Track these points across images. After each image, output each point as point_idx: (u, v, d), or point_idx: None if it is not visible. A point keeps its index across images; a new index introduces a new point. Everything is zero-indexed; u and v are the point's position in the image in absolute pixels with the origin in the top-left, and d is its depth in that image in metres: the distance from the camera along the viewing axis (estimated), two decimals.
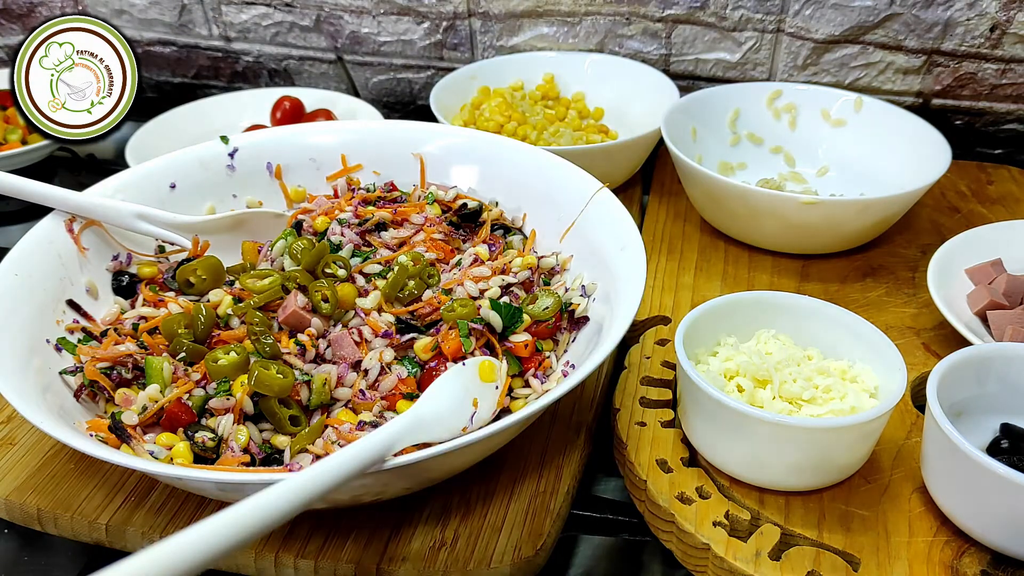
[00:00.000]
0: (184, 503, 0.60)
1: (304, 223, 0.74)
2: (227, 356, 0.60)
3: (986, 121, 1.04)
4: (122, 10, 1.22)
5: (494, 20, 1.11)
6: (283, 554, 0.57)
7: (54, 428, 0.51)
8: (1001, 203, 0.93)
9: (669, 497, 0.58)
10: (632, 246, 0.65)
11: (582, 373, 0.53)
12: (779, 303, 0.65)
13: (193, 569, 0.37)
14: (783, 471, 0.57)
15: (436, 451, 0.49)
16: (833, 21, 1.00)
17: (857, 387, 0.60)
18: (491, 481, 0.61)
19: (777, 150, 0.98)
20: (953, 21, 0.96)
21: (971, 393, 0.59)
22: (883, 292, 0.80)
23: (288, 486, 0.42)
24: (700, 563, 0.56)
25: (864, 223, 0.81)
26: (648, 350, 0.72)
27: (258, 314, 0.63)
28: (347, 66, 1.20)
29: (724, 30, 1.04)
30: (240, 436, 0.57)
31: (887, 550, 0.55)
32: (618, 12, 1.06)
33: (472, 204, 0.75)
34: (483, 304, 0.64)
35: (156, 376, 0.60)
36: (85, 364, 0.61)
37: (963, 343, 0.67)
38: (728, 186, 0.80)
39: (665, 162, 1.02)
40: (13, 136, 1.08)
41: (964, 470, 0.52)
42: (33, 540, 0.63)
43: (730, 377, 0.61)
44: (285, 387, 0.57)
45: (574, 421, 0.67)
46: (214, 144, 0.78)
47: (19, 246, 0.66)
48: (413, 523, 0.58)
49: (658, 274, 0.82)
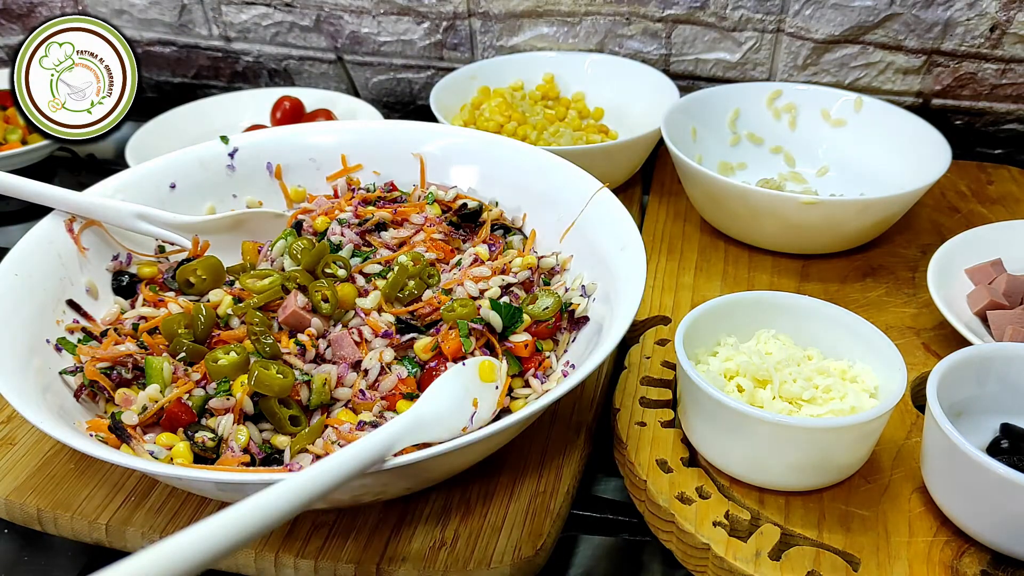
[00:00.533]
0: (184, 503, 0.60)
1: (304, 223, 0.74)
2: (227, 356, 0.60)
3: (986, 121, 1.04)
4: (122, 10, 1.22)
5: (494, 20, 1.11)
6: (283, 554, 0.57)
7: (54, 428, 0.51)
8: (1001, 203, 0.93)
9: (669, 497, 0.58)
10: (632, 246, 0.65)
11: (582, 373, 0.53)
12: (779, 303, 0.65)
13: (193, 569, 0.37)
14: (783, 471, 0.57)
15: (436, 451, 0.49)
16: (833, 21, 1.00)
17: (857, 387, 0.60)
18: (491, 481, 0.61)
19: (777, 150, 0.98)
20: (953, 21, 0.96)
21: (971, 393, 0.59)
22: (883, 292, 0.80)
23: (288, 486, 0.42)
24: (700, 563, 0.56)
25: (864, 223, 0.81)
26: (648, 350, 0.72)
27: (258, 314, 0.63)
28: (347, 66, 1.20)
29: (724, 30, 1.04)
30: (240, 436, 0.57)
31: (887, 550, 0.55)
32: (618, 12, 1.06)
33: (472, 204, 0.75)
34: (483, 304, 0.64)
35: (156, 376, 0.60)
36: (85, 364, 0.61)
37: (963, 343, 0.67)
38: (728, 186, 0.80)
39: (665, 162, 1.02)
40: (13, 136, 1.08)
41: (964, 470, 0.52)
42: (33, 540, 0.63)
43: (730, 377, 0.61)
44: (285, 387, 0.57)
45: (574, 421, 0.67)
46: (214, 144, 0.78)
47: (19, 246, 0.66)
48: (413, 523, 0.58)
49: (658, 274, 0.82)
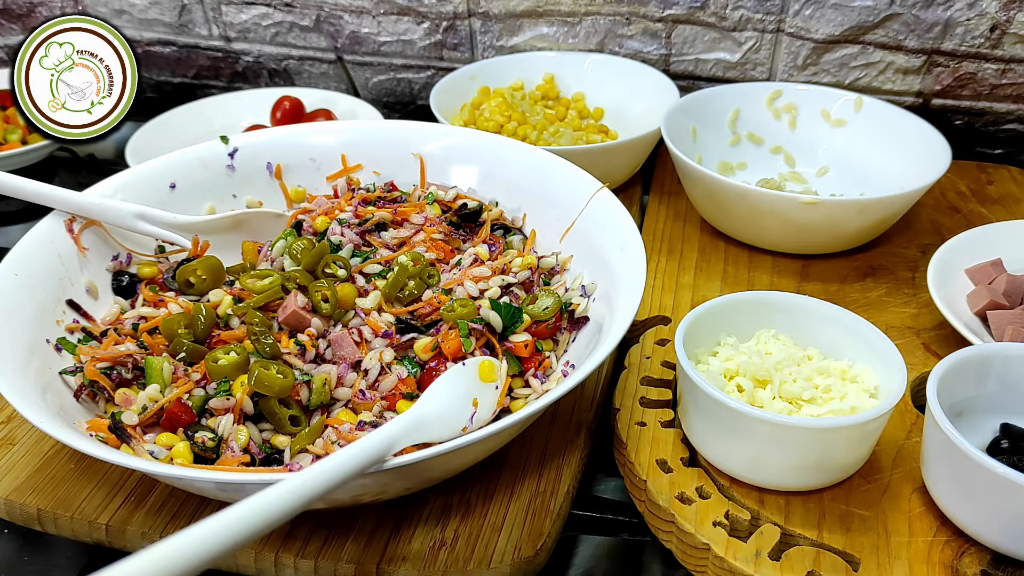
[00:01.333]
0: (184, 503, 0.60)
1: (304, 223, 0.74)
2: (227, 356, 0.59)
3: (986, 121, 1.04)
4: (122, 10, 1.22)
5: (494, 20, 1.11)
6: (283, 554, 0.57)
7: (54, 428, 0.51)
8: (1001, 203, 0.93)
9: (669, 497, 0.58)
10: (632, 246, 0.64)
11: (582, 373, 0.53)
12: (779, 303, 0.65)
13: (193, 569, 0.37)
14: (783, 471, 0.57)
15: (436, 451, 0.49)
16: (833, 21, 1.00)
17: (857, 387, 0.60)
18: (491, 481, 0.61)
19: (777, 150, 0.98)
20: (953, 21, 0.96)
21: (971, 393, 0.59)
22: (883, 292, 0.80)
23: (288, 486, 0.42)
24: (700, 563, 0.56)
25: (864, 223, 0.81)
26: (648, 350, 0.72)
27: (258, 314, 0.63)
28: (347, 66, 1.20)
29: (724, 30, 1.04)
30: (240, 436, 0.57)
31: (887, 550, 0.55)
32: (618, 12, 1.06)
33: (472, 204, 0.75)
34: (483, 304, 0.64)
35: (156, 376, 0.60)
36: (85, 364, 0.61)
37: (963, 343, 0.67)
38: (728, 186, 0.80)
39: (665, 162, 1.02)
40: (13, 136, 1.08)
41: (964, 470, 0.52)
42: (33, 540, 0.63)
43: (730, 377, 0.61)
44: (285, 387, 0.57)
45: (574, 421, 0.67)
46: (214, 144, 0.78)
47: (19, 246, 0.66)
48: (413, 523, 0.58)
49: (658, 274, 0.82)
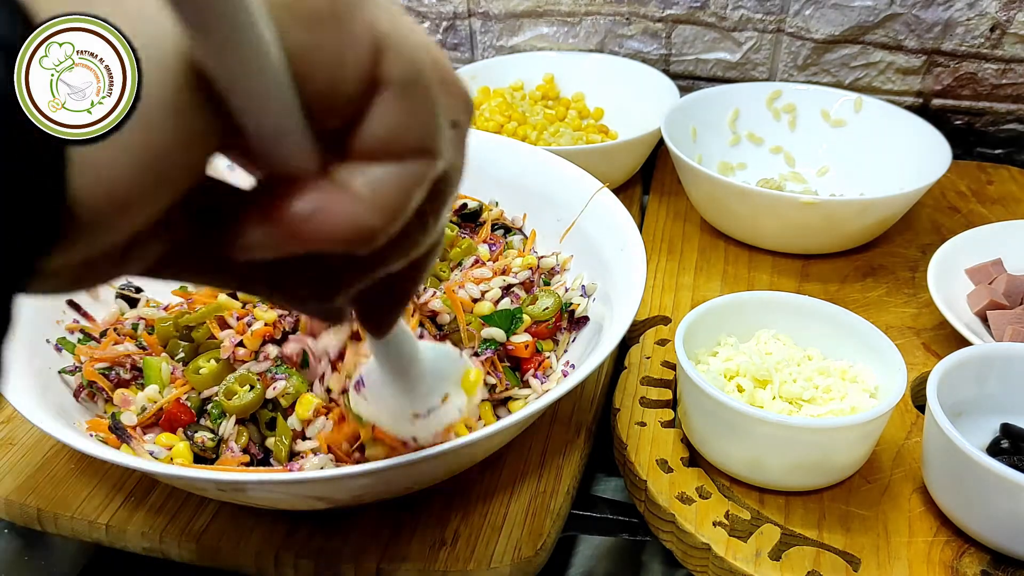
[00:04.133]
0: (184, 503, 0.60)
1: None
2: (208, 364, 0.59)
3: (986, 121, 1.04)
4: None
5: (494, 20, 1.11)
6: (283, 554, 0.57)
7: (54, 428, 0.51)
8: (1001, 203, 0.93)
9: (669, 497, 0.58)
10: (632, 246, 0.64)
11: (582, 373, 0.53)
12: (779, 303, 0.65)
13: None
14: (783, 471, 0.57)
15: (436, 451, 0.49)
16: (833, 21, 1.00)
17: (857, 387, 0.60)
18: (491, 481, 0.61)
19: (777, 150, 0.98)
20: (953, 21, 0.96)
21: (971, 393, 0.59)
22: (883, 292, 0.80)
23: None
24: (700, 563, 0.56)
25: (864, 223, 0.81)
26: (648, 350, 0.72)
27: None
28: None
29: (724, 30, 1.04)
30: (240, 436, 0.57)
31: (887, 550, 0.55)
32: (618, 12, 1.06)
33: (472, 204, 0.75)
34: (484, 307, 0.64)
35: (155, 376, 0.60)
36: (83, 364, 0.61)
37: (963, 343, 0.67)
38: (728, 186, 0.80)
39: (665, 162, 1.02)
40: None
41: (964, 470, 0.52)
42: (33, 540, 0.63)
43: (730, 377, 0.61)
44: (247, 407, 0.57)
45: (574, 421, 0.67)
46: None
47: None
48: (413, 523, 0.58)
49: (658, 274, 0.82)
